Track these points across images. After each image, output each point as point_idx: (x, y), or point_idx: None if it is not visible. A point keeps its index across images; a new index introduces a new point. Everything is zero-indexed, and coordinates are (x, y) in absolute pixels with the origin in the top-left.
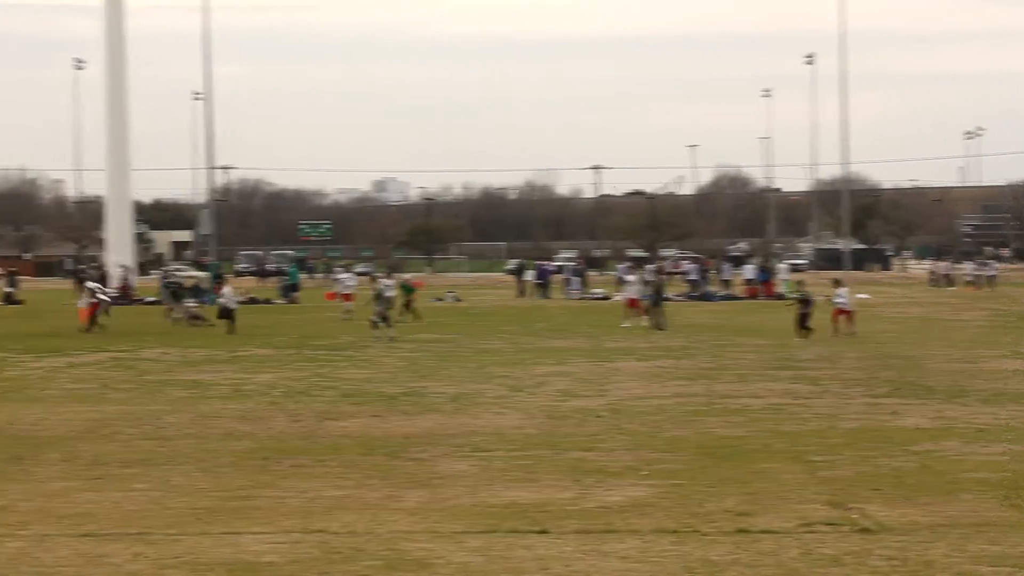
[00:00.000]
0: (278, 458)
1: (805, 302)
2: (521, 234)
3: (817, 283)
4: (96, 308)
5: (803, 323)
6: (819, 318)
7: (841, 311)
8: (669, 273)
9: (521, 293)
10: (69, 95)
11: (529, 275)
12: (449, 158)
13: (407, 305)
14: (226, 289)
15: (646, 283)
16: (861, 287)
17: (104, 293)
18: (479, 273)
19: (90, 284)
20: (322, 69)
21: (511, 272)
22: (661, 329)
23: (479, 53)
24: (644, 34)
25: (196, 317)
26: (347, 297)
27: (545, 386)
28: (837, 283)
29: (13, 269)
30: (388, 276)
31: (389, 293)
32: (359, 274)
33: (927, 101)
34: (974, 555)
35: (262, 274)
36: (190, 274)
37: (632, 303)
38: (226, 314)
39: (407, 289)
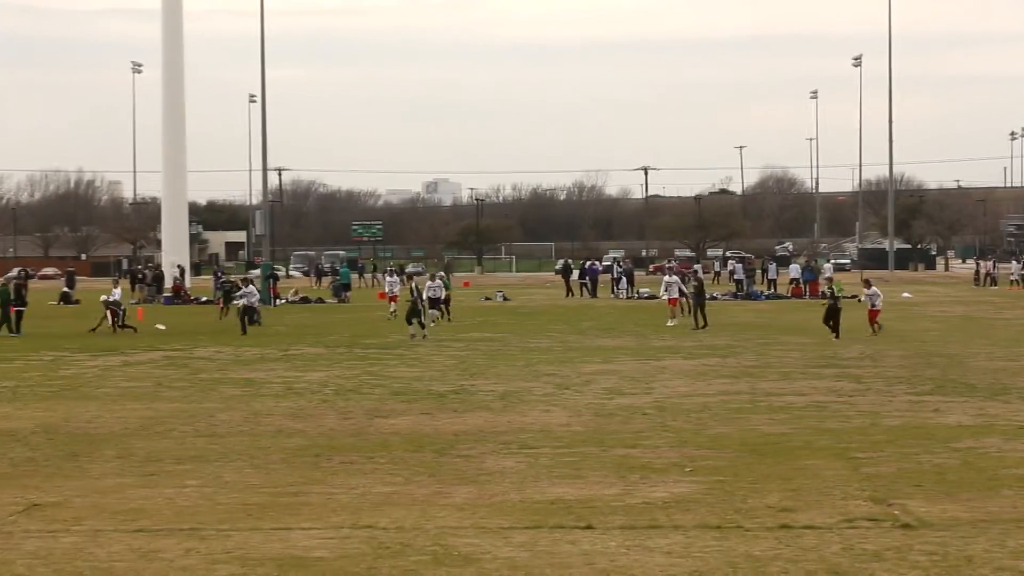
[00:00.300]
0: (328, 455)
1: (834, 299)
2: (570, 234)
3: (863, 283)
4: (115, 315)
5: (828, 319)
6: (853, 318)
7: (874, 311)
8: (717, 273)
9: (569, 292)
10: (127, 98)
11: (575, 274)
12: (499, 159)
13: (437, 303)
14: (249, 288)
15: (685, 281)
16: (905, 286)
17: (115, 301)
18: (527, 273)
19: (105, 296)
20: (376, 72)
21: (559, 272)
22: (705, 327)
23: (530, 57)
24: (695, 37)
25: (251, 309)
26: (392, 299)
27: (592, 384)
28: (867, 283)
29: (71, 269)
30: (433, 278)
31: (438, 294)
32: (412, 274)
33: (972, 103)
34: (1014, 550)
35: (319, 274)
36: (248, 275)
37: (672, 302)
38: (248, 312)
39: (445, 286)
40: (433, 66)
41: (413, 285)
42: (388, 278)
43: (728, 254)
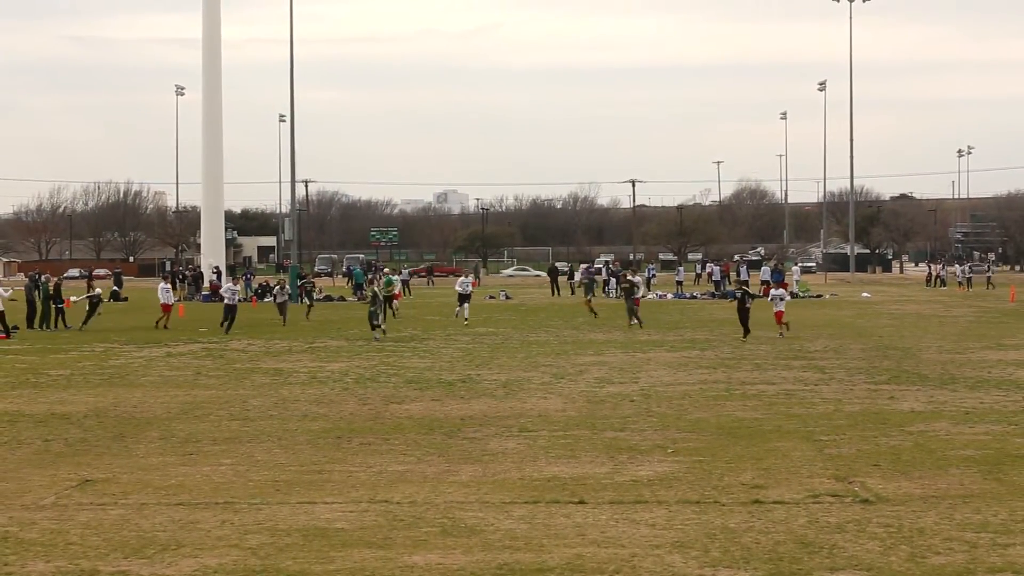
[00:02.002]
0: (349, 437)
1: (744, 299)
2: (565, 240)
3: (826, 284)
4: (168, 309)
5: (744, 320)
6: (814, 317)
7: (779, 312)
8: (698, 275)
9: (554, 292)
10: (171, 118)
11: (561, 277)
12: (503, 172)
13: (389, 301)
14: (227, 285)
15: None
16: (864, 287)
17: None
18: (527, 274)
19: (163, 285)
20: (393, 93)
21: (548, 273)
22: (634, 324)
23: (532, 81)
24: (678, 64)
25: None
26: (396, 296)
27: (585, 374)
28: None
29: (118, 270)
30: (467, 275)
31: (468, 290)
32: (374, 277)
33: (925, 123)
34: (960, 523)
35: (349, 274)
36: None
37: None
38: (228, 312)
39: (388, 282)
40: (445, 88)
41: (375, 288)
42: (393, 277)
43: (736, 257)
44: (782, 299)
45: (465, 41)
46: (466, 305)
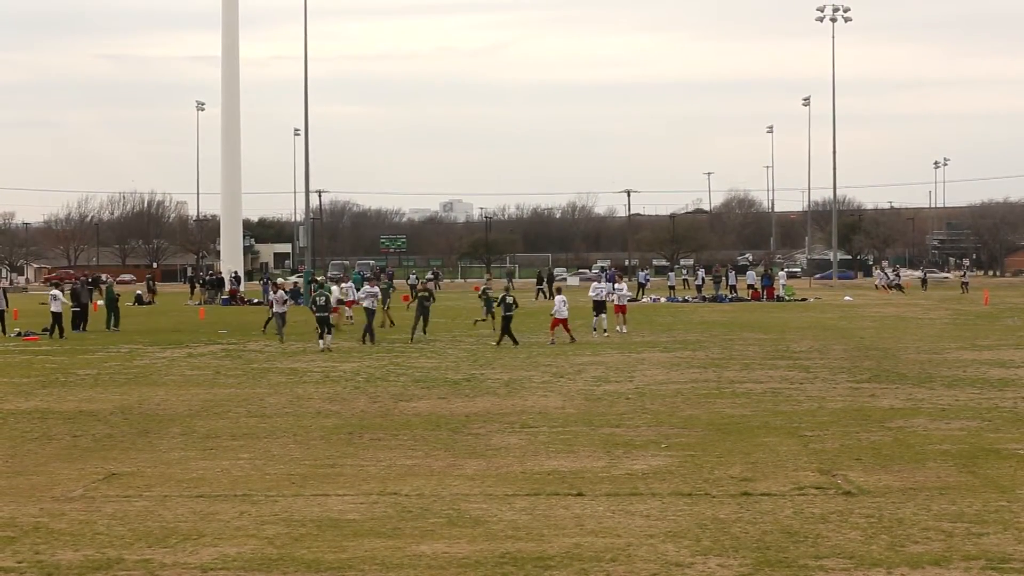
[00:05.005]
0: (360, 433)
1: (508, 306)
2: (564, 246)
3: (811, 288)
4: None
5: (506, 327)
6: (798, 320)
7: (558, 320)
8: (686, 280)
9: (537, 296)
10: (192, 131)
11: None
12: (505, 183)
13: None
14: (366, 288)
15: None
16: (847, 291)
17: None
18: (529, 279)
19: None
20: (403, 108)
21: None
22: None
23: (534, 96)
24: (671, 81)
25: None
26: (351, 303)
27: (583, 373)
28: (558, 291)
29: (150, 276)
30: (600, 280)
31: (601, 296)
32: (329, 279)
33: (904, 136)
34: (937, 513)
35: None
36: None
37: (619, 308)
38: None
39: (324, 293)
40: (451, 103)
41: (314, 295)
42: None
43: (692, 263)
44: (564, 305)
45: (472, 60)
46: (603, 316)
